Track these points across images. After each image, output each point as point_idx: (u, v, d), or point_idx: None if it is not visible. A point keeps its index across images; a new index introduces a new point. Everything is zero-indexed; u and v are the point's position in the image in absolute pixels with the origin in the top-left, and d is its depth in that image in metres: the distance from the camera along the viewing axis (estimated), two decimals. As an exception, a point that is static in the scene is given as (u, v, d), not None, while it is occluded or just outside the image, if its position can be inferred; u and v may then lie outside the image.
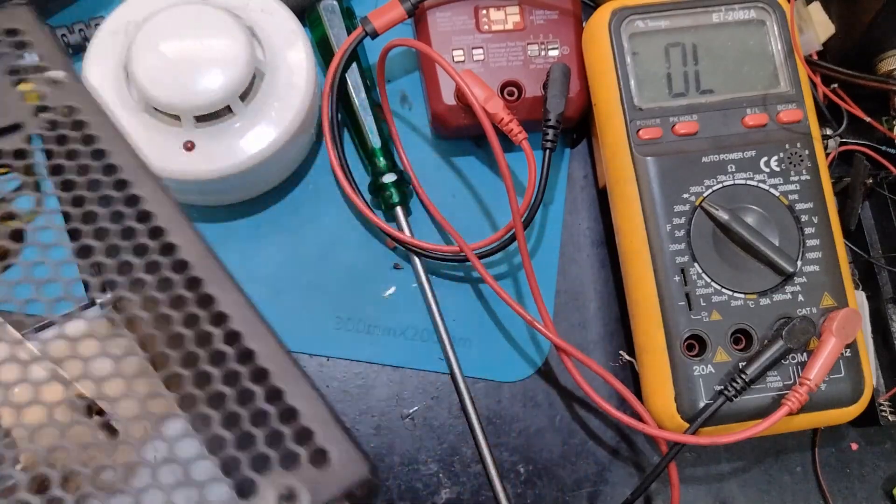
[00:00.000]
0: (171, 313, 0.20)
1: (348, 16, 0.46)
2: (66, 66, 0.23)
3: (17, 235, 0.22)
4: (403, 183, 0.45)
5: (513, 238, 0.43)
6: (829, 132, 0.44)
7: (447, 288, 0.45)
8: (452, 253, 0.43)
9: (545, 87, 0.43)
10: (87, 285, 0.24)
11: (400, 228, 0.44)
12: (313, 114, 0.43)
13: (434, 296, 0.44)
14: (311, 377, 0.19)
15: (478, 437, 0.43)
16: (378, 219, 0.43)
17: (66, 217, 0.21)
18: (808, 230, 0.40)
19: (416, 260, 0.44)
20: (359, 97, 0.45)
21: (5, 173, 0.22)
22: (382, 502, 0.42)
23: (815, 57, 0.45)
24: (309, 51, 0.42)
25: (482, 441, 0.42)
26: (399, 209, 0.44)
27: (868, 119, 0.44)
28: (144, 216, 0.21)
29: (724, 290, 0.39)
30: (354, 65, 0.45)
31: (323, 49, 0.46)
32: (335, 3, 0.45)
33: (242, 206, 0.45)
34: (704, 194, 0.40)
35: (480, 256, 0.43)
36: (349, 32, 0.44)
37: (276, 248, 0.45)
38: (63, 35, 0.44)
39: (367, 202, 0.44)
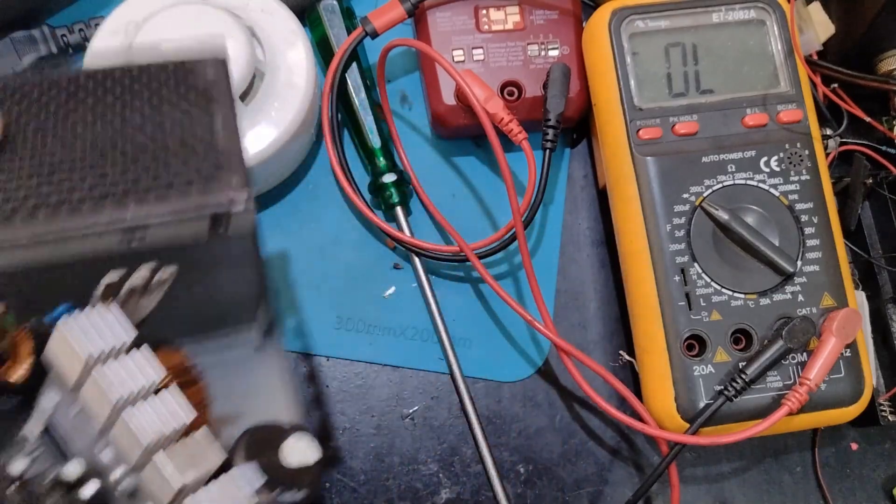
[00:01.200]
0: None
1: (348, 16, 0.46)
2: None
3: None
4: (403, 183, 0.45)
5: (513, 238, 0.43)
6: (829, 132, 0.44)
7: (447, 288, 0.45)
8: (452, 253, 0.43)
9: (545, 86, 0.43)
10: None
11: (400, 228, 0.44)
12: (313, 114, 0.43)
13: (434, 296, 0.44)
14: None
15: (477, 438, 0.43)
16: (378, 219, 0.43)
17: None
18: (808, 230, 0.40)
19: (416, 260, 0.44)
20: (359, 97, 0.45)
21: None
22: (383, 502, 0.42)
23: (815, 57, 0.45)
24: (309, 51, 0.42)
25: (482, 441, 0.42)
26: (399, 209, 0.44)
27: (868, 119, 0.44)
28: None
29: (724, 290, 0.39)
30: (354, 65, 0.45)
31: (323, 49, 0.46)
32: (335, 2, 0.45)
33: (242, 206, 0.45)
34: (704, 194, 0.40)
35: (480, 256, 0.43)
36: (349, 32, 0.44)
37: (276, 248, 0.45)
38: (63, 35, 0.44)
39: (367, 202, 0.44)
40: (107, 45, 0.40)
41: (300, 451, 0.28)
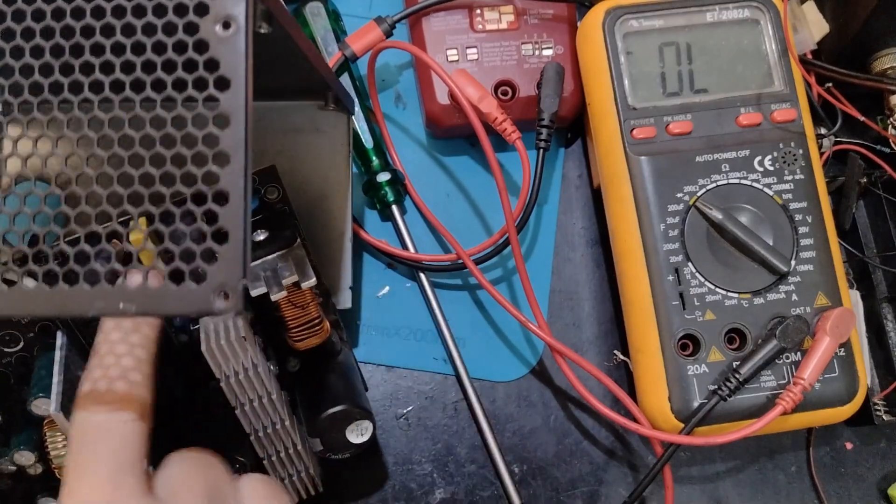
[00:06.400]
0: None
1: (334, 18, 0.46)
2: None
3: None
4: (398, 181, 0.45)
5: (507, 242, 0.43)
6: (823, 131, 0.44)
7: (441, 288, 0.45)
8: (451, 262, 0.44)
9: (539, 86, 0.43)
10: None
11: (396, 227, 0.44)
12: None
13: (440, 306, 0.44)
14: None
15: (487, 439, 0.43)
16: (371, 237, 0.44)
17: None
18: (802, 229, 0.40)
19: (423, 276, 0.44)
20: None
21: None
22: (378, 502, 0.42)
23: (810, 56, 0.45)
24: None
25: (492, 441, 0.42)
26: (395, 207, 0.44)
27: (862, 118, 0.44)
28: None
29: (717, 290, 0.39)
30: (346, 74, 0.45)
31: (312, 51, 0.45)
32: (320, 4, 0.45)
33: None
34: (698, 194, 0.40)
35: (476, 262, 0.43)
36: (335, 34, 0.44)
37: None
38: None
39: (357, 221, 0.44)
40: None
41: (360, 433, 0.36)
